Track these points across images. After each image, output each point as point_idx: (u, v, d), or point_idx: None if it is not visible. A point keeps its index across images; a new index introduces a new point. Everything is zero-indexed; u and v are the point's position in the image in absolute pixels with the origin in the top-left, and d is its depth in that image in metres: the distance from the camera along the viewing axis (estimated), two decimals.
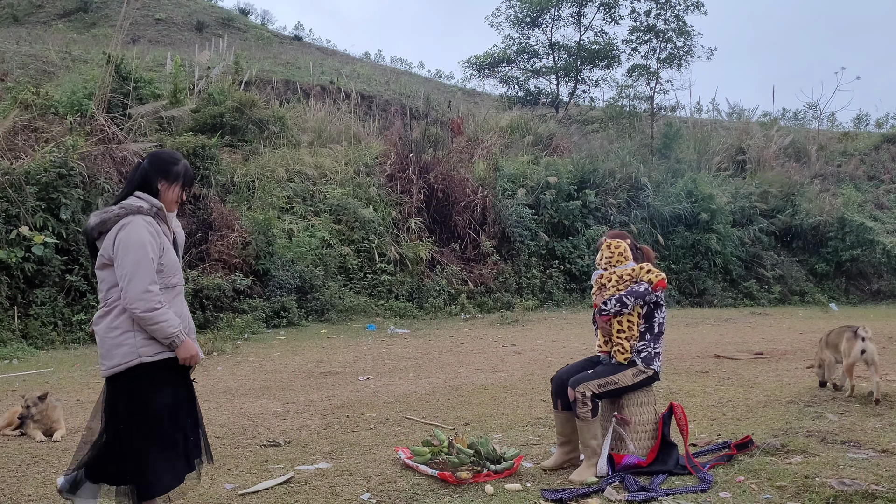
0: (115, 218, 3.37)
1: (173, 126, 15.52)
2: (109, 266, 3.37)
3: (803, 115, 32.27)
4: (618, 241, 4.55)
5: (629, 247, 4.56)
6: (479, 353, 9.60)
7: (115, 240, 3.33)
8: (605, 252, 4.55)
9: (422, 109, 23.49)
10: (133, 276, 3.28)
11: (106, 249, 3.37)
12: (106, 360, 3.37)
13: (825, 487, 3.81)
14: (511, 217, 16.21)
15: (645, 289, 4.36)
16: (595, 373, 4.38)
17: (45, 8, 37.69)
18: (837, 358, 6.40)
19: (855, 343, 6.06)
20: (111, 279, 3.38)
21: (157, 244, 3.40)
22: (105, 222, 3.38)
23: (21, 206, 10.54)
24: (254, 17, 45.43)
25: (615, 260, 4.51)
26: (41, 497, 4.08)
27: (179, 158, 3.64)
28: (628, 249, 4.53)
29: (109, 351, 3.36)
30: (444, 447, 4.54)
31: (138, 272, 3.29)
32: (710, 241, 17.47)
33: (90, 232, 3.43)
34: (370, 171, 16.50)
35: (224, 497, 4.09)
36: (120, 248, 3.31)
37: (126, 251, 3.30)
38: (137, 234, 3.33)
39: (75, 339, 10.50)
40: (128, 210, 3.38)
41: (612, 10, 27.23)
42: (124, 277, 3.29)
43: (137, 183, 3.49)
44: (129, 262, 3.29)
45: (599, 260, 4.60)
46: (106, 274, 3.39)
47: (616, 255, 4.51)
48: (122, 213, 3.37)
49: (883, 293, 18.87)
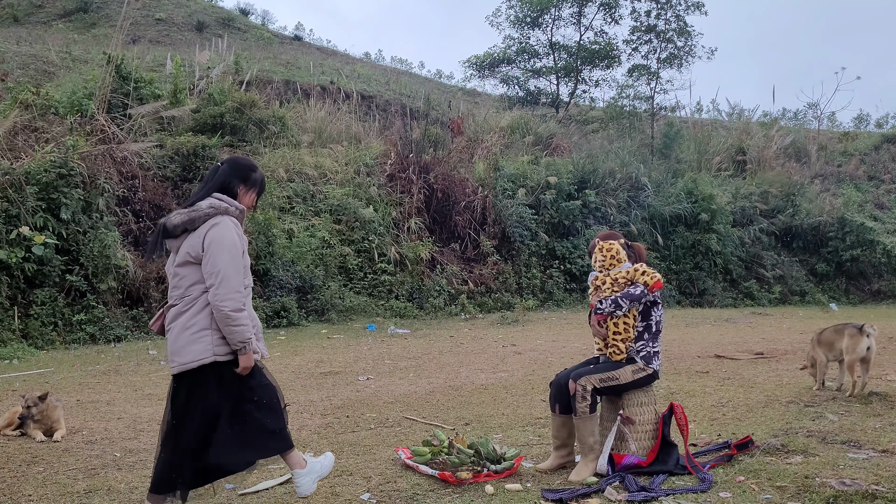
0: (205, 216, 3.39)
1: (173, 126, 15.53)
2: (193, 264, 3.38)
3: (803, 115, 32.31)
4: (610, 243, 4.52)
5: (622, 246, 4.55)
6: (479, 354, 9.60)
7: (206, 238, 3.34)
8: (597, 255, 4.54)
9: (422, 109, 23.49)
10: (226, 275, 3.31)
11: (193, 247, 3.37)
12: (177, 356, 3.38)
13: (825, 487, 3.80)
14: (511, 217, 16.21)
15: (641, 291, 4.35)
16: (596, 368, 4.40)
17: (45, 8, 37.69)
18: (830, 357, 6.41)
19: (861, 340, 6.06)
20: (193, 276, 3.39)
21: (241, 245, 3.45)
22: (194, 220, 3.39)
23: (21, 206, 10.54)
24: (254, 17, 45.45)
25: (608, 263, 4.49)
26: (41, 497, 4.08)
27: (257, 167, 3.71)
28: (622, 251, 4.52)
29: (184, 347, 3.36)
30: (445, 447, 4.53)
31: (231, 271, 3.33)
32: (710, 241, 17.47)
33: (173, 229, 3.42)
34: (370, 172, 16.50)
35: (224, 497, 4.09)
36: (212, 247, 3.33)
37: (219, 250, 3.33)
38: (229, 234, 3.37)
39: (75, 340, 10.50)
40: (217, 210, 3.42)
41: (612, 10, 27.24)
42: (216, 275, 3.31)
43: (217, 185, 3.53)
44: (221, 261, 3.32)
45: (594, 262, 4.60)
46: (188, 271, 3.40)
47: (609, 259, 4.49)
48: (211, 213, 3.40)
49: (883, 293, 18.88)
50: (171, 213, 3.48)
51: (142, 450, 5.08)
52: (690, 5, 25.27)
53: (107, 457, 4.92)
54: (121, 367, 8.75)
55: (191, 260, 3.38)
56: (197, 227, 3.39)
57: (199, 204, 3.45)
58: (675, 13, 25.43)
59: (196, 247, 3.36)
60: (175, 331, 3.40)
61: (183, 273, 3.42)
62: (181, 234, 3.42)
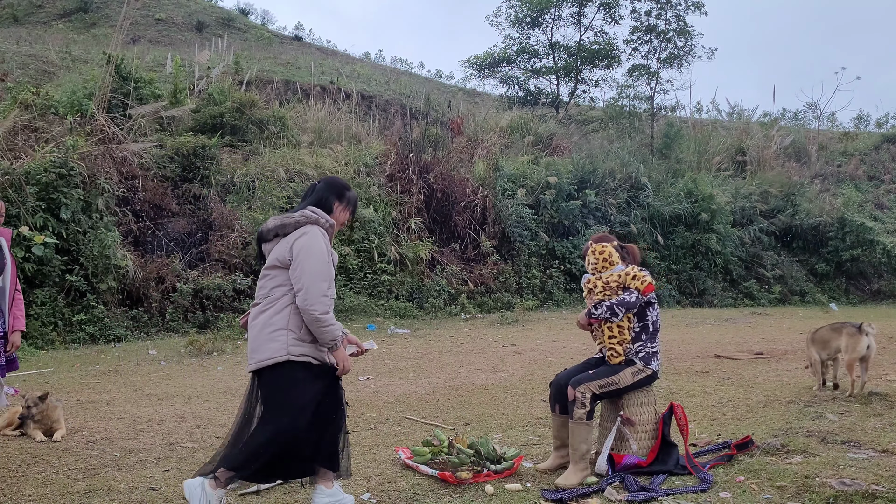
0: (296, 224, 3.61)
1: (173, 126, 15.53)
2: (279, 267, 3.58)
3: (803, 115, 32.31)
4: (602, 246, 4.52)
5: (615, 248, 4.55)
6: (479, 354, 9.60)
7: (295, 244, 3.55)
8: (590, 258, 4.54)
9: (422, 109, 23.47)
10: (314, 280, 3.50)
11: (281, 252, 3.57)
12: (255, 353, 3.55)
13: (825, 487, 3.80)
14: (511, 217, 16.21)
15: (636, 298, 4.34)
16: (595, 373, 4.37)
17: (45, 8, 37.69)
18: (824, 356, 6.42)
19: (860, 338, 6.06)
20: (278, 279, 3.58)
21: (329, 255, 3.64)
22: (285, 226, 3.62)
23: (21, 206, 10.54)
24: (254, 17, 45.44)
25: (600, 265, 4.49)
26: (41, 497, 4.08)
27: (350, 186, 3.94)
28: (614, 253, 4.50)
29: (262, 345, 3.53)
30: (445, 447, 4.53)
31: (319, 277, 3.52)
32: (710, 241, 17.47)
33: (266, 233, 3.67)
34: (370, 172, 16.50)
35: (224, 496, 4.08)
36: (302, 253, 3.52)
37: (308, 257, 3.52)
38: (318, 242, 3.57)
39: (75, 339, 10.50)
40: (308, 219, 3.63)
41: (612, 9, 27.23)
42: (304, 280, 3.50)
43: (313, 200, 3.76)
44: (310, 267, 3.51)
45: (587, 265, 4.60)
46: (274, 273, 3.60)
47: (601, 261, 4.49)
48: (302, 221, 3.62)
49: (883, 293, 18.88)
50: (269, 219, 3.73)
51: (142, 450, 5.08)
52: (690, 5, 25.26)
53: (106, 457, 4.91)
54: (121, 367, 8.75)
55: (278, 264, 3.59)
56: (287, 234, 3.61)
57: (293, 213, 3.70)
58: (675, 13, 25.43)
59: (284, 252, 3.57)
60: (255, 329, 3.59)
61: (270, 275, 3.63)
62: (273, 238, 3.66)
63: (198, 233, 12.86)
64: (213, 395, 7.07)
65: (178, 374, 8.34)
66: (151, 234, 12.49)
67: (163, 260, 12.08)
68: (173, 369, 8.68)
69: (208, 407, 6.50)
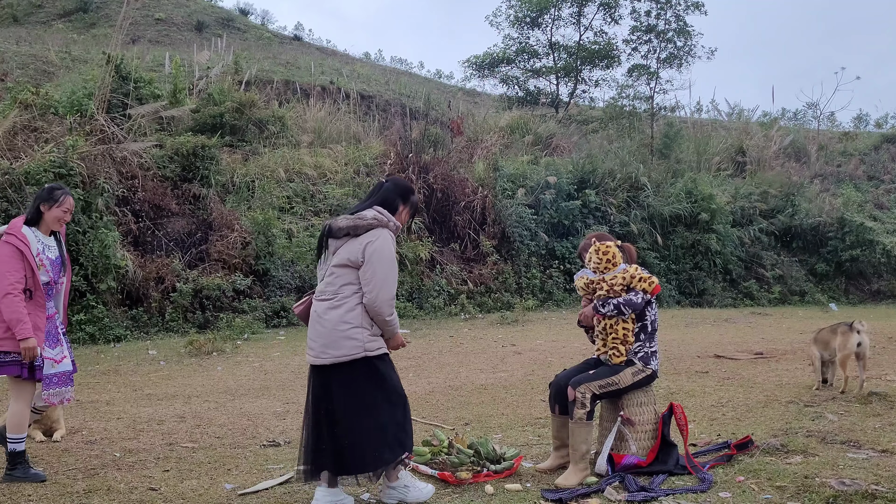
0: (368, 226, 3.77)
1: (173, 126, 15.52)
2: (350, 267, 3.75)
3: (803, 115, 32.33)
4: (607, 245, 4.48)
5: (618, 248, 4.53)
6: (478, 353, 9.60)
7: (368, 247, 3.72)
8: (592, 256, 4.50)
9: (422, 109, 23.46)
10: (385, 283, 3.71)
11: (353, 253, 3.74)
12: (331, 349, 3.73)
13: (825, 487, 3.81)
14: (511, 217, 16.21)
15: (642, 299, 4.34)
16: (596, 374, 4.37)
17: (44, 8, 37.69)
18: (825, 355, 6.53)
19: (851, 336, 6.19)
20: (348, 277, 3.75)
21: (395, 260, 3.86)
22: (357, 227, 3.77)
23: (21, 207, 10.53)
24: (253, 17, 45.47)
25: (603, 265, 4.46)
26: (41, 497, 4.08)
27: (414, 190, 4.15)
28: (618, 254, 4.47)
29: (337, 341, 3.71)
30: (444, 447, 4.54)
31: (390, 281, 3.74)
32: (709, 241, 17.46)
33: (337, 231, 3.81)
34: (370, 172, 16.50)
35: (224, 497, 4.09)
36: (374, 256, 3.71)
37: (381, 261, 3.71)
38: (389, 247, 3.78)
39: (75, 339, 10.48)
40: (379, 222, 3.79)
41: (612, 9, 27.24)
42: (375, 282, 3.70)
43: (380, 199, 3.91)
44: (382, 271, 3.71)
45: (588, 262, 4.57)
46: (344, 272, 3.76)
47: (604, 262, 4.46)
48: (374, 224, 3.78)
49: (883, 293, 18.87)
50: (338, 217, 3.89)
51: (141, 450, 5.08)
52: (690, 5, 25.29)
53: (106, 457, 4.91)
54: (120, 367, 8.75)
55: (348, 264, 3.75)
56: (359, 234, 3.76)
57: (364, 213, 3.82)
58: (674, 13, 25.45)
59: (356, 253, 3.73)
60: (328, 325, 3.75)
61: (339, 273, 3.78)
62: (343, 237, 3.80)
63: (197, 233, 12.85)
64: (213, 395, 7.07)
65: (178, 375, 8.34)
66: (151, 234, 12.48)
67: (162, 260, 12.07)
68: (173, 369, 8.68)
69: (208, 407, 6.50)
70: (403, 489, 3.86)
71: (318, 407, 3.82)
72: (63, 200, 4.51)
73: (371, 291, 3.69)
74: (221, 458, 4.85)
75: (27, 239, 4.36)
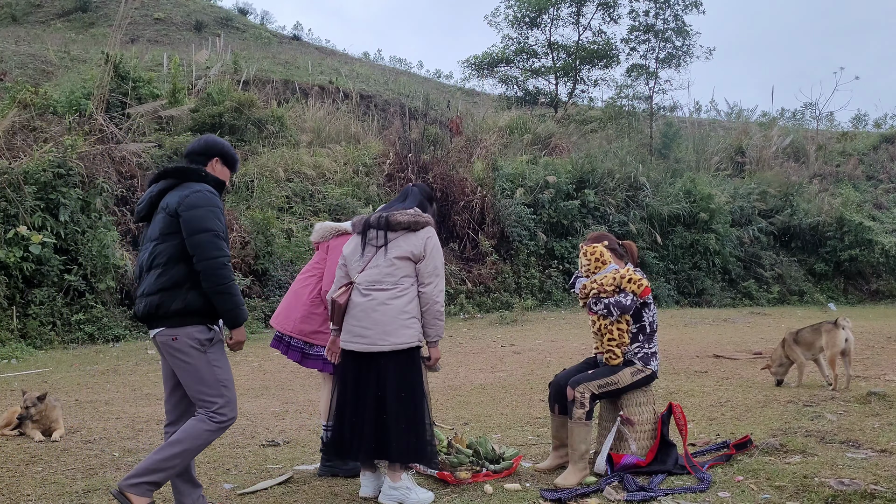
0: (425, 223, 4.01)
1: (172, 126, 15.52)
2: (409, 260, 3.95)
3: (802, 115, 32.35)
4: (593, 246, 4.49)
5: (609, 247, 4.53)
6: (477, 353, 9.60)
7: (428, 242, 3.97)
8: (582, 260, 4.52)
9: (421, 109, 23.48)
10: (439, 277, 3.99)
11: (416, 247, 3.95)
12: (392, 336, 3.87)
13: (824, 487, 3.81)
14: (510, 217, 16.21)
15: (631, 301, 4.33)
16: (595, 373, 4.36)
17: (43, 7, 37.66)
18: (808, 356, 6.70)
19: (837, 332, 6.37)
20: (406, 269, 3.95)
21: None
22: (418, 223, 3.99)
23: (20, 206, 10.53)
24: (253, 16, 45.46)
25: (593, 267, 4.48)
26: (40, 497, 4.07)
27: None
28: (605, 252, 4.48)
29: (397, 329, 3.87)
30: (443, 447, 4.53)
31: (442, 275, 4.04)
32: (708, 241, 17.47)
33: (396, 224, 3.96)
34: (369, 171, 16.49)
35: (223, 497, 4.09)
36: (434, 252, 3.98)
37: (437, 256, 3.99)
38: (439, 244, 4.06)
39: (74, 339, 10.49)
40: (429, 221, 4.06)
41: (610, 9, 27.25)
42: (433, 276, 3.96)
43: (418, 202, 4.15)
44: (439, 266, 4.00)
45: (580, 267, 4.59)
46: (403, 264, 3.95)
47: (593, 262, 4.47)
48: (430, 221, 4.05)
49: (881, 293, 18.89)
50: (393, 211, 4.04)
51: (140, 450, 5.07)
52: (688, 5, 25.30)
53: (105, 457, 4.91)
54: (119, 367, 8.75)
55: (409, 256, 3.94)
56: (418, 230, 3.97)
57: (418, 211, 4.06)
58: (673, 13, 25.45)
59: (418, 247, 3.94)
60: (391, 313, 3.89)
61: (399, 265, 3.94)
62: (401, 230, 3.97)
63: None
64: None
65: None
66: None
67: None
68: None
69: None
70: (405, 490, 3.86)
71: (364, 394, 3.91)
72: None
73: (430, 283, 3.94)
74: (220, 457, 4.85)
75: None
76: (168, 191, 3.60)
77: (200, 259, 3.44)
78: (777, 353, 6.88)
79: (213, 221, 3.48)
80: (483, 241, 15.75)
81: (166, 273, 3.47)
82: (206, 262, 3.44)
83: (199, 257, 3.44)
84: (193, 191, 3.51)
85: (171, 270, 3.47)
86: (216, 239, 3.48)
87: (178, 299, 3.46)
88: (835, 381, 6.37)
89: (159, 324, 3.49)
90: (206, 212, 3.47)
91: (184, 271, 3.48)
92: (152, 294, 3.47)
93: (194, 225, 3.44)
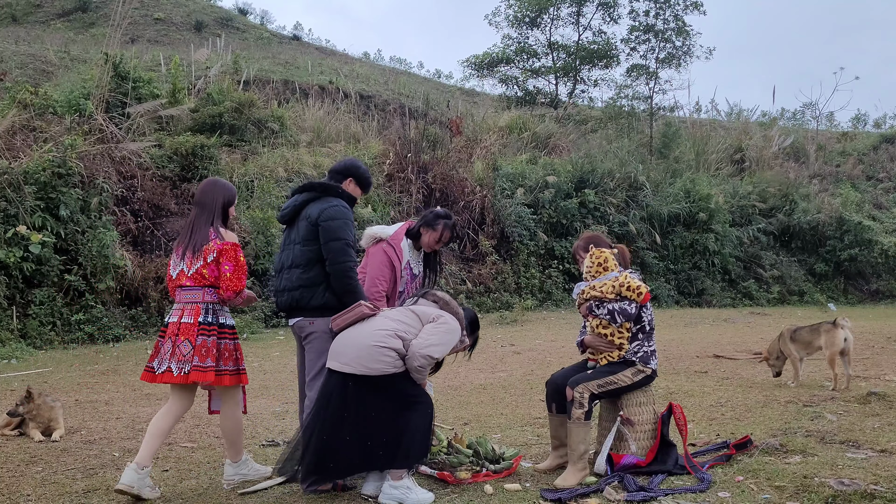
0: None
1: (172, 126, 15.51)
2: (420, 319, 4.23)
3: (802, 115, 32.36)
4: (601, 250, 4.49)
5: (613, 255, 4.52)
6: (477, 353, 9.54)
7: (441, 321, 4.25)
8: (587, 261, 4.51)
9: (420, 109, 23.47)
10: (433, 346, 4.23)
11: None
12: (372, 364, 3.99)
13: (824, 487, 3.81)
14: (510, 217, 16.21)
15: (634, 308, 4.33)
16: (594, 373, 4.36)
17: (43, 7, 37.67)
18: (803, 354, 6.80)
19: (836, 332, 6.43)
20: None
21: None
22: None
23: (19, 206, 10.53)
24: (253, 16, 45.46)
25: (594, 271, 4.47)
26: (40, 497, 4.07)
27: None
28: (611, 259, 4.47)
29: (378, 358, 4.00)
30: (443, 447, 4.53)
31: (435, 344, 4.27)
32: (708, 241, 17.47)
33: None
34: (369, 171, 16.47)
35: (223, 497, 4.09)
36: (442, 330, 4.25)
37: (443, 335, 4.29)
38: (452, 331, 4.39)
39: (74, 339, 10.49)
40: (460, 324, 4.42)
41: (610, 9, 27.26)
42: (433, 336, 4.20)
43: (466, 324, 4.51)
44: (438, 340, 4.25)
45: (581, 265, 4.58)
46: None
47: (595, 266, 4.47)
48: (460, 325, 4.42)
49: (881, 293, 18.90)
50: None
51: None
52: (689, 5, 25.30)
53: (105, 457, 4.91)
54: (119, 367, 8.74)
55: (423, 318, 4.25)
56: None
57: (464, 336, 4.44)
58: (673, 13, 25.46)
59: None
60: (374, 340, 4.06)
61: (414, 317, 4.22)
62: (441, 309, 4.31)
63: None
64: None
65: None
66: (150, 234, 12.47)
67: (161, 259, 12.05)
68: None
69: (206, 407, 6.48)
70: (405, 490, 3.85)
71: (349, 413, 3.94)
72: (439, 230, 4.63)
73: (422, 339, 4.22)
74: (220, 457, 4.84)
75: (402, 251, 4.57)
76: (310, 202, 4.24)
77: (332, 263, 4.08)
78: (773, 346, 7.01)
79: (345, 232, 4.13)
80: (483, 241, 15.75)
81: (307, 273, 4.14)
82: (337, 265, 4.08)
83: (332, 261, 4.08)
84: (332, 205, 4.18)
85: (310, 271, 4.14)
86: (347, 247, 4.11)
87: (318, 296, 4.12)
88: (835, 380, 6.38)
89: (299, 314, 4.18)
90: (342, 223, 4.12)
91: (320, 272, 4.13)
92: (294, 289, 4.17)
93: (330, 234, 4.09)
